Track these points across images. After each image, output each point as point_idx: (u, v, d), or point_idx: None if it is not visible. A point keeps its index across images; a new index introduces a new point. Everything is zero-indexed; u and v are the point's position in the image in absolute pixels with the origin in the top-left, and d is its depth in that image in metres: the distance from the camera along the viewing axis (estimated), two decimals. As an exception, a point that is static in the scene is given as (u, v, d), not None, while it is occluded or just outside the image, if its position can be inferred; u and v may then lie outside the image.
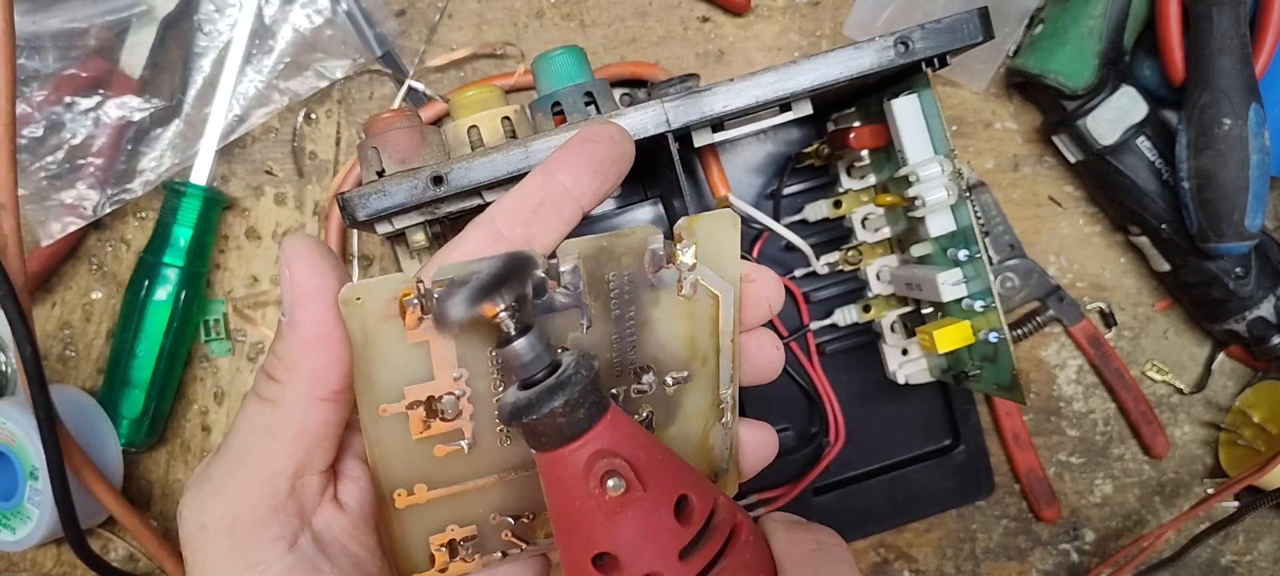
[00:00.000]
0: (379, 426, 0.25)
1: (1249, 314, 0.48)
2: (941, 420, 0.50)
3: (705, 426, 0.28)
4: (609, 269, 0.25)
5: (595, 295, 0.25)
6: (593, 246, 0.25)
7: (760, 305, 0.28)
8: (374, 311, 0.23)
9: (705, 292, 0.27)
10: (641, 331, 0.26)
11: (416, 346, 0.24)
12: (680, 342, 0.27)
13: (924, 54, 0.36)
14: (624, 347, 0.26)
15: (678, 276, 0.26)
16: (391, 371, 0.24)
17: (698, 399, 0.28)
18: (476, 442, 0.26)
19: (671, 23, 0.50)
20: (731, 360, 0.28)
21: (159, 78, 0.46)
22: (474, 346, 0.25)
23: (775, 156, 0.48)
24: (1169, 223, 0.47)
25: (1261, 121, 0.44)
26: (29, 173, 0.45)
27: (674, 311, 0.26)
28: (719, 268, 0.26)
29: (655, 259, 0.25)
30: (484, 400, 0.25)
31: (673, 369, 0.27)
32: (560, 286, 0.24)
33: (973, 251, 0.39)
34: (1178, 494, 0.53)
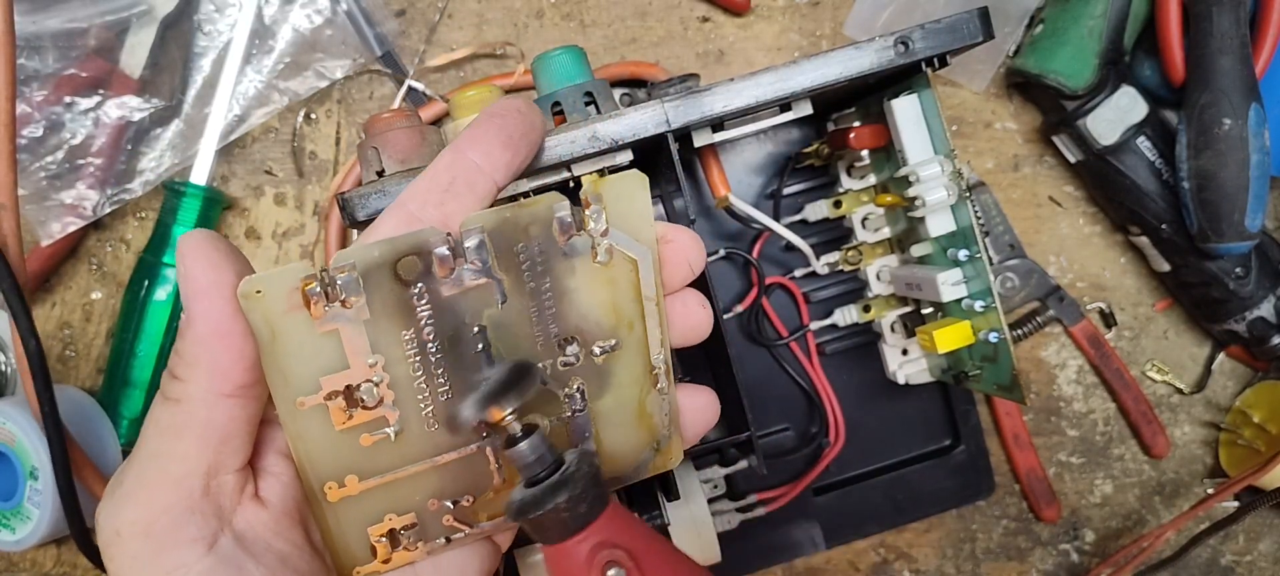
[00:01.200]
0: (299, 420, 0.24)
1: (1249, 314, 0.48)
2: (941, 420, 0.50)
3: (640, 394, 0.28)
4: (517, 240, 0.25)
5: (506, 269, 0.25)
6: (496, 218, 0.24)
7: (680, 265, 0.27)
8: (276, 304, 0.23)
9: (622, 258, 0.26)
10: (561, 302, 0.26)
11: (327, 335, 0.24)
12: (603, 310, 0.26)
13: (924, 54, 0.36)
14: (544, 320, 0.26)
15: (591, 243, 0.25)
16: (304, 363, 0.24)
17: (629, 367, 0.27)
18: (404, 429, 0.25)
19: (671, 23, 0.50)
20: (659, 324, 0.27)
21: (159, 78, 0.46)
22: (386, 330, 0.24)
23: (775, 156, 0.48)
24: (1169, 223, 0.47)
25: (1261, 121, 0.44)
26: (29, 172, 0.45)
27: (592, 279, 0.26)
28: (633, 230, 0.26)
29: (563, 226, 0.25)
30: (405, 385, 0.25)
31: (598, 338, 0.27)
32: (467, 262, 0.24)
33: (973, 251, 0.39)
34: (1178, 494, 0.53)
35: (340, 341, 0.24)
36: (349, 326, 0.24)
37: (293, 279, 0.23)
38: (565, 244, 0.25)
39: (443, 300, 0.24)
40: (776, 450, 0.48)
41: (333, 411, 0.24)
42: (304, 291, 0.23)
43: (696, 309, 0.28)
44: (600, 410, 0.28)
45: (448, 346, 0.25)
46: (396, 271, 0.23)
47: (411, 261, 0.24)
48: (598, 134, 0.34)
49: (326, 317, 0.23)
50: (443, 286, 0.24)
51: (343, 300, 0.23)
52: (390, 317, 0.24)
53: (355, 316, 0.24)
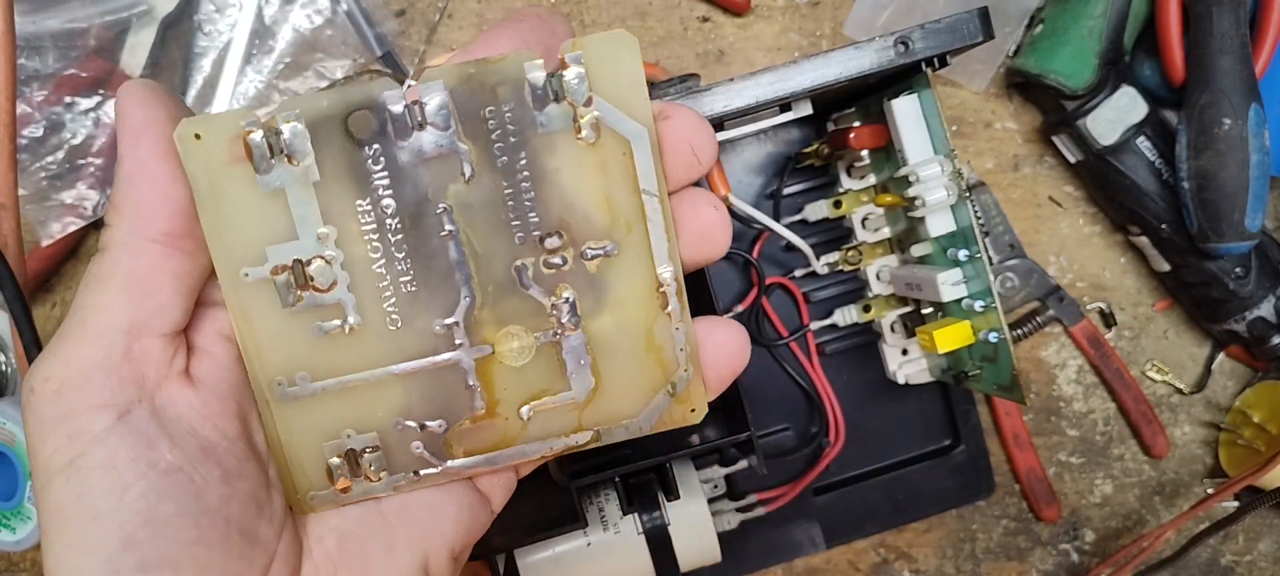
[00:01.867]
0: (243, 295, 0.22)
1: (1249, 314, 0.48)
2: (941, 420, 0.50)
3: (646, 317, 0.24)
4: (484, 103, 0.22)
5: (473, 137, 0.22)
6: (459, 74, 0.21)
7: (681, 151, 0.23)
8: (215, 152, 0.21)
9: (612, 137, 0.22)
10: (540, 185, 0.22)
11: (272, 197, 0.21)
12: (593, 202, 0.23)
13: (924, 54, 0.36)
14: (521, 206, 0.22)
15: (572, 115, 0.22)
16: (248, 228, 0.21)
17: (630, 280, 0.23)
18: (363, 323, 0.22)
19: (671, 23, 0.50)
20: (663, 228, 0.23)
21: (159, 77, 0.46)
22: (339, 196, 0.21)
23: (775, 156, 0.48)
24: (1169, 223, 0.47)
25: (1261, 121, 0.44)
26: (29, 173, 0.45)
27: (577, 161, 0.22)
28: (623, 103, 0.22)
29: (537, 92, 0.22)
30: (363, 268, 0.22)
31: (589, 237, 0.23)
32: (427, 123, 0.21)
33: (973, 251, 0.39)
34: (1178, 494, 0.53)
35: (287, 205, 0.21)
36: (296, 188, 0.21)
37: (234, 126, 0.21)
38: (540, 113, 0.22)
39: (401, 168, 0.21)
40: (776, 450, 0.48)
41: (281, 289, 0.22)
42: (245, 141, 0.21)
43: (706, 210, 0.24)
44: (597, 333, 0.24)
45: (409, 225, 0.22)
46: (347, 127, 0.21)
47: (364, 117, 0.21)
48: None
49: (271, 175, 0.21)
50: (400, 151, 0.21)
51: (288, 155, 0.21)
52: (342, 183, 0.21)
53: (303, 177, 0.21)
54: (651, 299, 0.23)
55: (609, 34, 0.22)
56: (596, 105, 0.22)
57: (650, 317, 0.24)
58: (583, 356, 0.24)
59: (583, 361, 0.24)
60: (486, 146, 0.22)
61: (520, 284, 0.23)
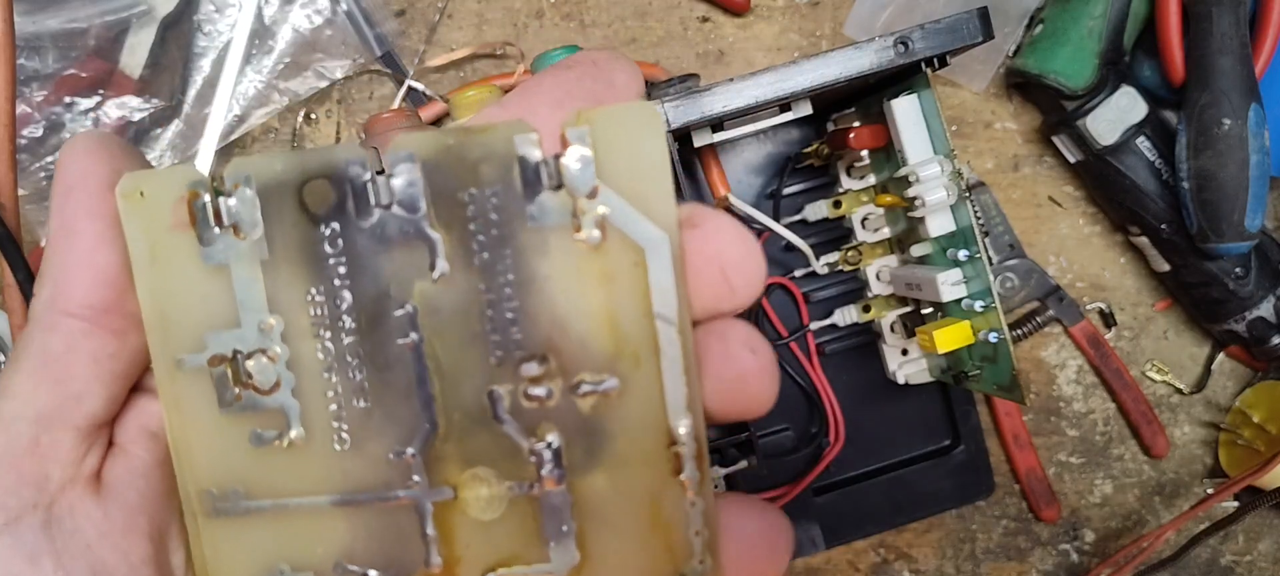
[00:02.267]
0: (178, 385, 0.18)
1: (1248, 314, 0.48)
2: (941, 420, 0.50)
3: (653, 484, 0.18)
4: (463, 183, 0.17)
5: (448, 224, 0.18)
6: (435, 145, 0.17)
7: (709, 271, 0.18)
8: (159, 213, 0.18)
9: (622, 243, 0.17)
10: (526, 294, 0.18)
11: (215, 273, 0.18)
12: (593, 323, 0.18)
13: (924, 54, 0.36)
14: (500, 317, 0.18)
15: (572, 208, 0.17)
16: (190, 306, 0.18)
17: (634, 430, 0.18)
18: (308, 438, 0.19)
19: (671, 23, 0.50)
20: (681, 368, 0.18)
21: (159, 78, 0.46)
22: (290, 281, 0.18)
23: (775, 156, 0.48)
24: (1169, 223, 0.47)
25: (1261, 121, 0.44)
26: (29, 173, 0.45)
27: (575, 268, 0.18)
28: (640, 200, 0.17)
29: (529, 174, 0.17)
30: (309, 370, 0.18)
31: (585, 367, 0.18)
32: (394, 202, 0.17)
33: (972, 251, 0.39)
34: (1177, 494, 0.53)
35: (231, 285, 0.18)
36: (242, 266, 0.18)
37: (181, 184, 0.18)
38: (531, 202, 0.17)
39: (361, 254, 0.18)
40: (776, 450, 0.48)
41: (217, 384, 0.19)
42: (190, 205, 0.18)
43: (742, 355, 0.18)
44: (588, 494, 0.18)
45: (366, 325, 0.18)
46: (303, 198, 0.18)
47: (322, 188, 0.18)
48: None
49: (215, 247, 0.18)
50: (361, 233, 0.18)
51: (235, 227, 0.18)
52: (294, 265, 0.18)
53: (250, 254, 0.18)
54: (661, 459, 0.18)
55: (628, 107, 0.17)
56: (604, 198, 0.17)
57: (658, 484, 0.18)
58: (566, 521, 0.19)
59: (565, 528, 0.19)
60: (464, 238, 0.18)
61: (493, 416, 0.18)
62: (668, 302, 0.18)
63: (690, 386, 0.18)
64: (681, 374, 0.18)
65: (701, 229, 0.18)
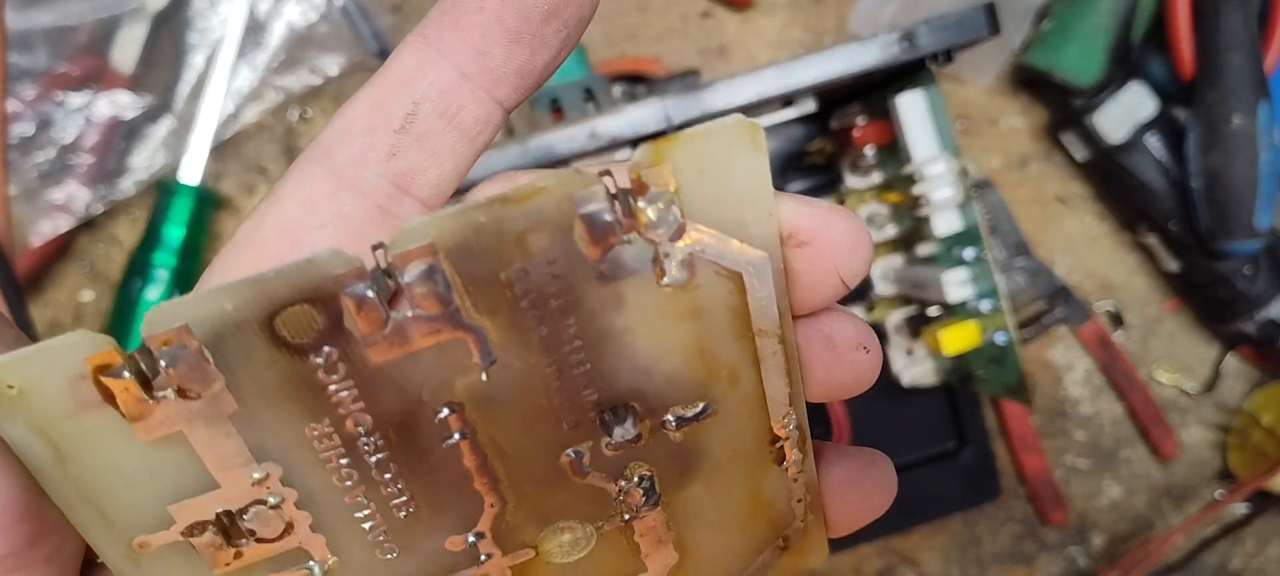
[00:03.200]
0: (148, 569, 0.15)
1: (1259, 314, 0.48)
2: (947, 422, 0.49)
3: (754, 478, 0.17)
4: (506, 262, 0.13)
5: (492, 310, 0.14)
6: (461, 229, 0.13)
7: (824, 276, 0.15)
8: (54, 403, 0.13)
9: (716, 275, 0.15)
10: (601, 352, 0.15)
11: (164, 443, 0.14)
12: (680, 359, 0.15)
13: (929, 49, 0.35)
14: (571, 385, 0.15)
15: (654, 254, 0.14)
16: (133, 487, 0.14)
17: (733, 440, 0.16)
18: (345, 559, 0.15)
19: (672, 18, 0.49)
20: (784, 373, 0.16)
21: (151, 74, 0.45)
22: (278, 425, 0.14)
23: (778, 154, 0.47)
24: (1178, 222, 0.47)
25: (1271, 119, 0.44)
26: (19, 171, 0.44)
27: (658, 312, 0.15)
28: (737, 228, 0.14)
29: (597, 230, 0.14)
30: (330, 498, 0.15)
31: (674, 402, 0.16)
32: (412, 304, 0.13)
33: (979, 251, 0.38)
34: (1187, 497, 0.52)
35: (191, 450, 0.14)
36: (202, 429, 0.14)
37: (75, 358, 0.13)
38: (602, 261, 0.14)
39: (375, 370, 0.14)
40: (779, 453, 0.48)
41: (204, 552, 0.15)
42: (97, 381, 0.13)
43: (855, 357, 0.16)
44: (684, 505, 0.17)
45: (397, 439, 0.15)
46: (275, 332, 0.13)
47: (302, 314, 0.13)
48: (597, 131, 0.33)
49: (153, 418, 0.13)
50: (371, 348, 0.13)
51: (180, 390, 0.13)
52: (279, 407, 0.14)
53: (210, 411, 0.13)
54: (763, 454, 0.17)
55: (719, 127, 0.14)
56: (692, 233, 0.14)
57: (759, 476, 0.17)
58: (662, 534, 0.17)
59: (662, 538, 0.17)
60: (514, 319, 0.14)
61: (574, 474, 0.16)
62: (769, 318, 0.15)
63: (794, 384, 0.16)
64: (783, 376, 0.16)
65: (815, 245, 0.15)
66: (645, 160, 0.14)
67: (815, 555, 0.18)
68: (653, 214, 0.14)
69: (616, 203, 0.14)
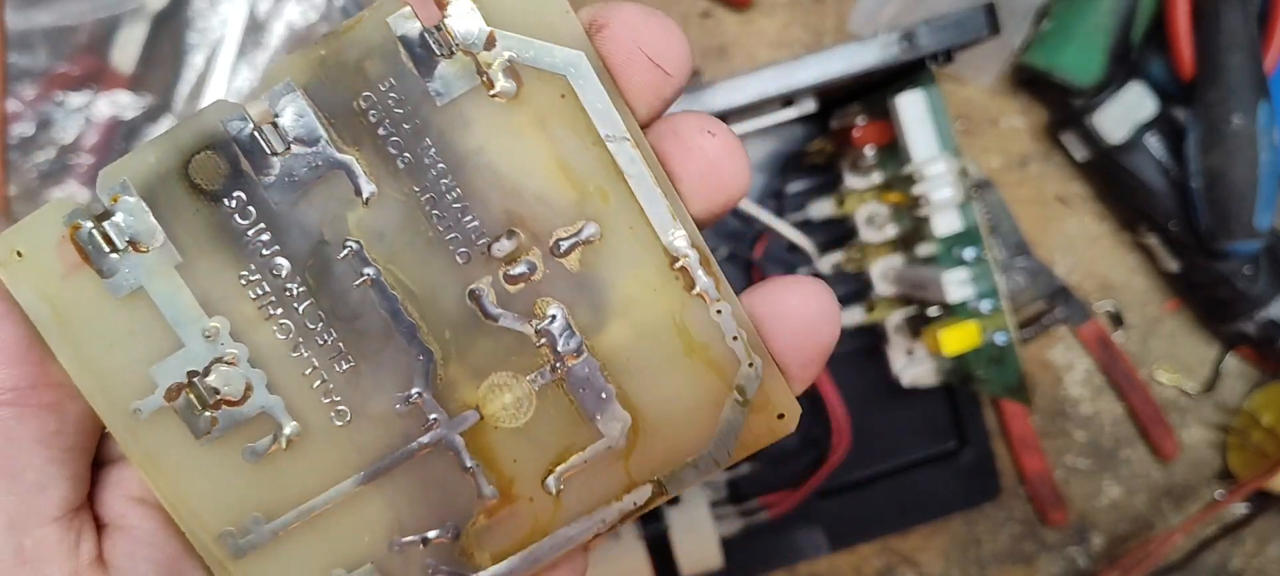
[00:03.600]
0: (143, 438, 0.17)
1: (1259, 314, 0.48)
2: (947, 423, 0.49)
3: (671, 309, 0.17)
4: (355, 90, 0.16)
5: (356, 141, 0.16)
6: (310, 63, 0.16)
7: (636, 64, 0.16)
8: (47, 265, 0.16)
9: (540, 80, 0.16)
10: (465, 175, 0.16)
11: (133, 301, 0.16)
12: (544, 174, 0.17)
13: (929, 50, 0.35)
14: (448, 211, 0.17)
15: (474, 65, 0.16)
16: (119, 350, 0.16)
17: (631, 265, 0.17)
18: (304, 429, 0.17)
19: (672, 17, 0.49)
20: (652, 181, 0.17)
21: (151, 74, 0.45)
22: (215, 273, 0.16)
23: (778, 154, 0.47)
24: (1178, 222, 0.47)
25: (1271, 119, 0.44)
26: (20, 171, 0.44)
27: (503, 127, 0.16)
28: (541, 28, 0.16)
29: (416, 51, 0.16)
30: (276, 356, 0.17)
31: (555, 223, 0.17)
32: (289, 143, 0.16)
33: (979, 251, 0.38)
34: (1187, 497, 0.52)
35: (154, 306, 0.16)
36: (157, 281, 0.16)
37: (55, 223, 0.16)
38: (432, 80, 0.16)
39: (277, 211, 0.16)
40: (780, 453, 0.48)
41: (186, 417, 0.17)
42: (74, 241, 0.16)
43: (703, 140, 0.17)
44: (612, 350, 0.17)
45: (316, 283, 0.17)
46: (192, 180, 0.16)
47: (207, 160, 0.16)
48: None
49: (120, 275, 0.16)
50: (268, 190, 0.16)
51: (133, 242, 0.16)
52: (212, 256, 0.16)
53: (160, 263, 0.16)
54: (669, 282, 0.17)
55: None
56: (503, 42, 0.16)
57: (677, 306, 0.17)
58: (602, 388, 0.17)
59: (604, 394, 0.17)
60: (377, 147, 0.16)
61: (484, 315, 0.17)
62: (611, 120, 0.16)
63: (668, 195, 0.17)
64: (654, 185, 0.17)
65: (611, 27, 0.16)
66: None
67: (783, 403, 0.18)
68: (458, 26, 0.16)
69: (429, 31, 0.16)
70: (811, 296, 0.18)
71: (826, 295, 0.18)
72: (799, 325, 0.17)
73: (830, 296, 0.18)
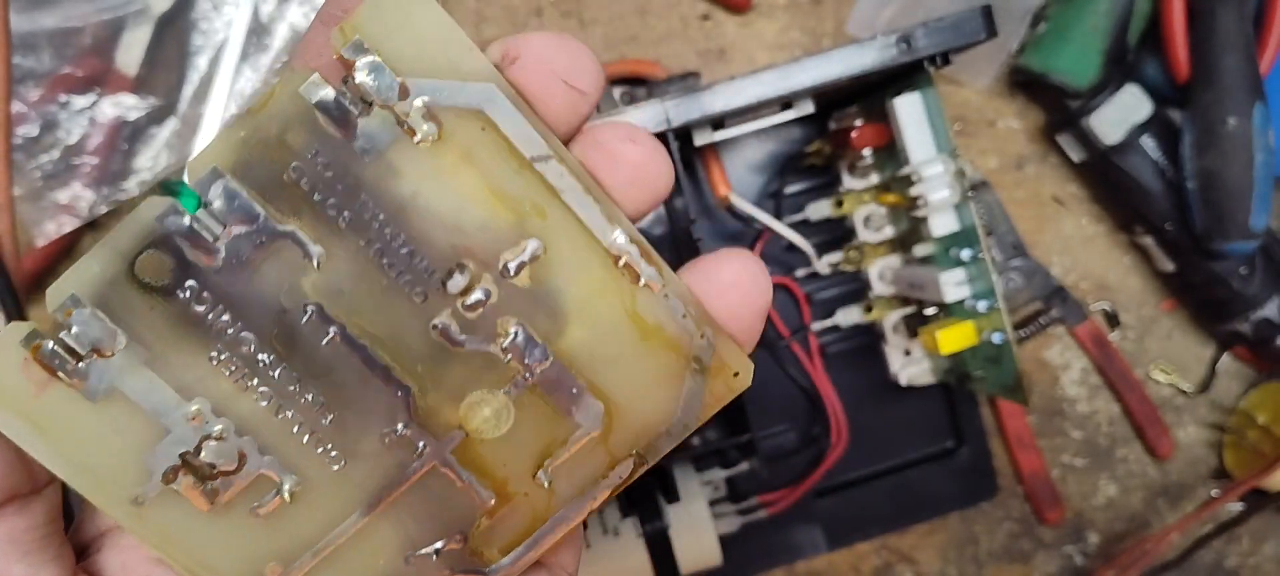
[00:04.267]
0: (151, 520, 0.18)
1: (1254, 314, 0.48)
2: (944, 422, 0.49)
3: (623, 302, 0.19)
4: (283, 163, 0.17)
5: (295, 209, 0.17)
6: (231, 146, 0.16)
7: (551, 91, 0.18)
8: (17, 388, 0.16)
9: (459, 118, 0.17)
10: (407, 222, 0.17)
11: (110, 402, 0.17)
12: (481, 204, 0.17)
13: (926, 52, 0.36)
14: (398, 258, 0.17)
15: (393, 117, 0.17)
16: (109, 448, 0.17)
17: (578, 271, 0.18)
18: (303, 481, 0.18)
19: (672, 20, 0.49)
20: (582, 191, 0.18)
21: (155, 76, 0.45)
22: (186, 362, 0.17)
23: (777, 155, 0.47)
24: (1173, 222, 0.47)
25: (1266, 120, 0.44)
26: (24, 172, 0.44)
27: (432, 170, 0.17)
28: (448, 69, 0.17)
29: (333, 114, 0.16)
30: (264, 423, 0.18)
31: (500, 248, 0.18)
32: (230, 225, 0.16)
33: (976, 251, 0.38)
34: (1182, 496, 0.53)
35: (132, 403, 0.17)
36: (130, 380, 0.17)
37: (13, 350, 0.16)
38: (356, 138, 0.17)
39: (233, 290, 0.17)
40: (778, 452, 0.48)
41: (187, 496, 0.18)
42: (38, 360, 0.16)
43: (624, 149, 0.18)
44: (575, 350, 0.19)
45: (285, 349, 0.17)
46: (140, 280, 0.17)
47: (151, 260, 0.16)
48: (597, 132, 0.33)
49: (92, 380, 0.17)
50: (219, 273, 0.17)
51: (96, 350, 0.16)
52: (179, 345, 0.17)
53: (129, 362, 0.17)
54: (617, 279, 0.18)
55: None
56: (416, 89, 0.17)
57: (627, 299, 0.19)
58: (572, 385, 0.19)
59: (575, 390, 0.19)
60: (317, 212, 0.17)
61: (450, 344, 0.18)
62: (534, 143, 0.17)
63: (600, 200, 0.18)
64: (585, 195, 0.18)
65: (523, 57, 0.17)
66: (338, 41, 0.16)
67: (736, 364, 0.19)
68: (369, 82, 0.16)
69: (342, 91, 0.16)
70: (742, 267, 0.19)
71: (755, 263, 0.20)
72: (736, 295, 0.19)
73: (758, 264, 0.20)
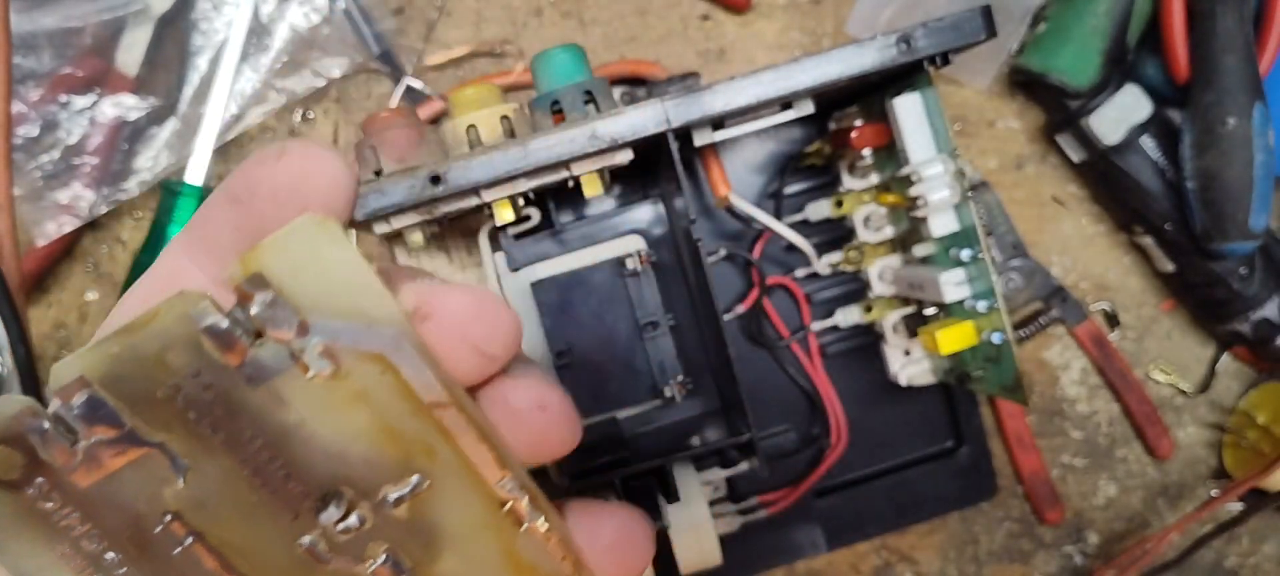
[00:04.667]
0: None
1: (1253, 314, 0.48)
2: (944, 422, 0.49)
3: (502, 542, 0.18)
4: (157, 381, 0.15)
5: (166, 425, 0.16)
6: (101, 361, 0.15)
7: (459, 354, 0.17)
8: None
9: (358, 358, 0.16)
10: (288, 447, 0.16)
11: None
12: (368, 442, 0.17)
13: (926, 52, 0.35)
14: (272, 478, 0.16)
15: (287, 349, 0.16)
16: None
17: (460, 508, 0.17)
18: None
19: (672, 21, 0.49)
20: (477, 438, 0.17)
21: (155, 76, 0.46)
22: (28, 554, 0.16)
23: (776, 155, 0.47)
24: (1173, 222, 0.47)
25: (1266, 121, 0.44)
26: (24, 172, 0.44)
27: (322, 404, 0.16)
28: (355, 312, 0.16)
29: (223, 340, 0.15)
30: None
31: (384, 481, 0.17)
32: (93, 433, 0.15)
33: (975, 251, 0.38)
34: (1182, 496, 0.53)
35: None
36: None
37: None
38: (244, 366, 0.16)
39: (87, 492, 0.16)
40: (778, 452, 0.48)
41: None
42: None
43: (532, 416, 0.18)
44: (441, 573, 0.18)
45: (136, 553, 0.16)
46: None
47: (5, 456, 0.15)
48: (597, 133, 0.33)
49: None
50: (73, 474, 0.16)
51: None
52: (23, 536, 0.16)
53: None
54: (499, 520, 0.18)
55: (292, 230, 0.15)
56: (317, 328, 0.16)
57: (507, 540, 0.18)
58: None
59: None
60: (190, 429, 0.16)
61: (317, 561, 0.17)
62: (433, 390, 0.16)
63: (494, 447, 0.17)
64: (479, 442, 0.17)
65: (436, 317, 0.17)
66: (238, 272, 0.15)
67: None
68: (265, 316, 0.15)
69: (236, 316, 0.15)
70: (624, 527, 0.19)
71: (639, 523, 0.19)
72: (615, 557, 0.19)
73: (644, 524, 0.19)
